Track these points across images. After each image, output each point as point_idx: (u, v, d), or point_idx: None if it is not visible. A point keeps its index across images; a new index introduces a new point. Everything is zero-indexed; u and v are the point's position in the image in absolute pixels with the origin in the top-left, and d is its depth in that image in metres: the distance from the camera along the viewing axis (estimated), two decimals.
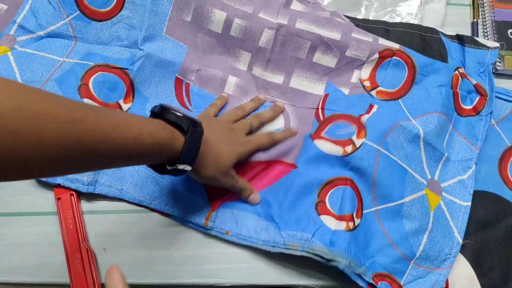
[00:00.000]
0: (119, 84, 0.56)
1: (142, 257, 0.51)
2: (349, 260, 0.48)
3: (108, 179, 0.53)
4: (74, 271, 0.49)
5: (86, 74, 0.55)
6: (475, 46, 0.62)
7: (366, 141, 0.53)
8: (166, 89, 0.57)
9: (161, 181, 0.53)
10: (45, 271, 0.51)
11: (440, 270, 0.51)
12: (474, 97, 0.59)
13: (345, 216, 0.50)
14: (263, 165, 0.55)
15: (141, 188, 0.53)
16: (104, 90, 0.55)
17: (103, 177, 0.53)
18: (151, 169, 0.52)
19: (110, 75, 0.56)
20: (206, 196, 0.53)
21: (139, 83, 0.57)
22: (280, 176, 0.54)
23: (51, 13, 0.57)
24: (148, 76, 0.57)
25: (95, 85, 0.55)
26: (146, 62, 0.57)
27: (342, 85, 0.58)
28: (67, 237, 0.51)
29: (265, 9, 0.57)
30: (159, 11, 0.58)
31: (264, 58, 0.58)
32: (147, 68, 0.57)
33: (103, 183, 0.53)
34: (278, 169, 0.55)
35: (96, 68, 0.56)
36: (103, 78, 0.55)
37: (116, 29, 0.58)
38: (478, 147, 0.57)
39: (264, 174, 0.55)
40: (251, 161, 0.55)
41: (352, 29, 0.58)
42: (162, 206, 0.53)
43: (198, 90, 0.58)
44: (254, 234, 0.51)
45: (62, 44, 0.57)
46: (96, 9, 0.58)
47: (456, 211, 0.54)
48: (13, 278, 0.50)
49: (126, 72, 0.56)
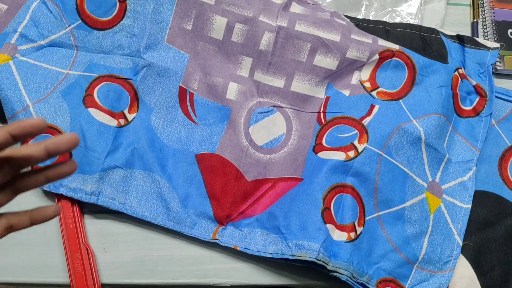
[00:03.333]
0: (123, 94, 0.56)
1: (142, 257, 0.51)
2: (351, 271, 0.48)
3: (112, 191, 0.52)
4: (74, 271, 0.49)
5: (90, 85, 0.55)
6: (475, 46, 0.61)
7: (368, 146, 0.53)
8: (170, 99, 0.57)
9: (166, 197, 0.53)
10: (45, 271, 0.51)
11: (443, 272, 0.51)
12: (474, 98, 0.59)
13: (346, 226, 0.50)
14: (270, 182, 0.55)
15: (145, 203, 0.53)
16: (109, 99, 0.55)
17: (107, 188, 0.52)
18: (157, 184, 0.53)
19: (115, 85, 0.55)
20: (213, 212, 0.53)
21: (143, 93, 0.56)
22: (286, 190, 0.54)
23: (53, 22, 0.57)
24: (151, 86, 0.57)
25: (100, 95, 0.55)
26: (149, 71, 0.56)
27: (343, 87, 0.58)
28: (67, 237, 0.51)
29: (264, 13, 0.57)
30: (160, 19, 0.58)
31: (265, 61, 0.57)
32: (150, 78, 0.57)
33: (106, 195, 0.52)
34: (285, 185, 0.55)
35: (101, 78, 0.55)
36: (107, 88, 0.55)
37: (118, 37, 0.58)
38: (478, 148, 0.57)
39: (273, 192, 0.55)
40: (257, 179, 0.55)
41: (352, 31, 0.58)
42: (166, 222, 0.52)
43: (202, 100, 0.58)
44: (262, 248, 0.51)
45: (64, 54, 0.57)
46: (98, 18, 0.57)
47: (456, 213, 0.54)
48: (13, 278, 0.50)
49: (130, 83, 0.56)
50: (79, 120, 0.53)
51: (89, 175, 0.52)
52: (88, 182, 0.52)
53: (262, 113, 0.58)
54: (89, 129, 0.53)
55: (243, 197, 0.54)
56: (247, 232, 0.52)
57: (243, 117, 0.57)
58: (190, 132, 0.56)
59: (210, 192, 0.54)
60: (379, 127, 0.54)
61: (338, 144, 0.55)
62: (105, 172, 0.52)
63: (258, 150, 0.56)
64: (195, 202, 0.53)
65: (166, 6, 0.58)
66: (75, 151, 0.52)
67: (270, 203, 0.54)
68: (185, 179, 0.54)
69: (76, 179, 0.52)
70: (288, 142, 0.57)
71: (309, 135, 0.57)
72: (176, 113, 0.57)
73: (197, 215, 0.53)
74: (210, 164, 0.55)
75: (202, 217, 0.53)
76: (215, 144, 0.56)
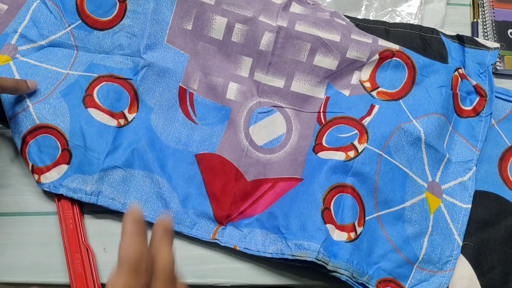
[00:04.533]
0: (123, 94, 0.55)
1: None
2: (351, 271, 0.48)
3: (112, 192, 0.52)
4: (74, 271, 0.49)
5: (90, 86, 0.55)
6: (475, 46, 0.61)
7: (368, 146, 0.53)
8: (170, 99, 0.57)
9: (166, 197, 0.53)
10: (45, 271, 0.51)
11: (443, 272, 0.51)
12: (474, 98, 0.59)
13: (346, 226, 0.50)
14: (270, 182, 0.55)
15: (145, 203, 0.53)
16: (109, 99, 0.55)
17: (107, 188, 0.52)
18: (156, 184, 0.53)
19: (114, 85, 0.55)
20: (213, 212, 0.53)
21: (143, 93, 0.56)
22: (286, 190, 0.54)
23: (53, 22, 0.57)
24: (151, 85, 0.57)
25: (100, 95, 0.54)
26: (149, 71, 0.56)
27: (343, 87, 0.58)
28: (67, 237, 0.51)
29: (264, 13, 0.57)
30: (160, 19, 0.58)
31: (265, 61, 0.57)
32: (150, 78, 0.56)
33: (106, 195, 0.52)
34: (285, 185, 0.55)
35: (100, 78, 0.55)
36: (107, 88, 0.55)
37: (118, 37, 0.57)
38: (478, 148, 0.57)
39: (272, 192, 0.54)
40: (257, 178, 0.55)
41: (352, 31, 0.58)
42: None
43: (202, 100, 0.58)
44: (262, 248, 0.51)
45: (64, 54, 0.56)
46: (98, 18, 0.57)
47: (456, 213, 0.54)
48: (13, 278, 0.50)
49: (130, 83, 0.56)
50: (79, 120, 0.53)
51: (89, 175, 0.52)
52: (88, 182, 0.52)
53: (262, 113, 0.58)
54: (89, 129, 0.53)
55: (243, 197, 0.54)
56: (247, 232, 0.52)
57: (243, 117, 0.57)
58: (190, 132, 0.56)
59: (210, 192, 0.54)
60: (379, 127, 0.54)
61: (338, 144, 0.55)
62: (105, 172, 0.52)
63: (258, 150, 0.56)
64: (195, 202, 0.53)
65: (166, 6, 0.58)
66: (76, 151, 0.52)
67: (270, 203, 0.54)
68: (185, 179, 0.54)
69: (76, 179, 0.52)
70: (288, 142, 0.57)
71: (309, 135, 0.57)
72: (176, 113, 0.57)
73: (197, 215, 0.53)
74: (210, 164, 0.55)
75: (202, 217, 0.53)
76: (215, 144, 0.56)
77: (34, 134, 0.52)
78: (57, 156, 0.52)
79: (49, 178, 0.51)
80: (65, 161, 0.52)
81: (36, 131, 0.52)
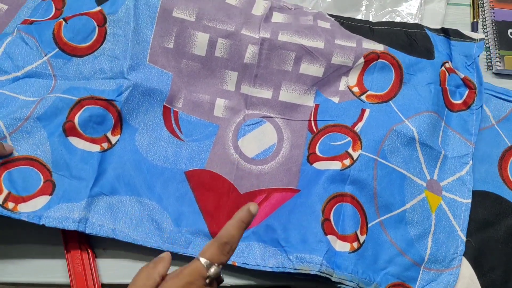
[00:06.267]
0: (106, 116, 0.54)
1: (142, 257, 0.51)
2: (357, 281, 0.48)
3: (100, 218, 0.50)
4: (74, 271, 0.49)
5: (71, 111, 0.52)
6: (460, 39, 0.62)
7: (363, 152, 0.53)
8: (155, 118, 0.56)
9: (157, 219, 0.52)
10: (45, 271, 0.51)
11: (450, 270, 0.51)
12: (463, 91, 0.59)
13: (348, 236, 0.50)
14: (264, 193, 0.55)
15: (136, 227, 0.51)
16: (90, 124, 0.53)
17: (94, 216, 0.50)
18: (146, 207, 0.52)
19: (96, 108, 0.53)
20: (208, 229, 0.52)
21: (127, 114, 0.55)
22: (282, 202, 0.54)
23: (28, 52, 0.55)
24: (135, 106, 0.55)
25: (81, 121, 0.52)
26: (133, 92, 0.55)
27: (332, 94, 0.58)
28: (67, 237, 0.51)
29: (246, 26, 0.56)
30: (141, 40, 0.57)
31: (251, 74, 0.57)
32: (134, 98, 0.55)
33: (94, 222, 0.50)
34: (280, 195, 0.54)
35: (82, 102, 0.53)
36: (89, 113, 0.53)
37: (99, 62, 0.56)
38: (472, 141, 0.57)
39: (267, 203, 0.54)
40: (251, 191, 0.54)
41: (335, 35, 0.58)
42: (159, 243, 0.51)
43: (187, 117, 0.57)
44: (261, 262, 0.50)
45: (41, 85, 0.54)
46: (77, 44, 0.56)
47: (457, 209, 0.54)
48: (13, 278, 0.50)
49: (113, 104, 0.54)
50: (60, 149, 0.51)
51: (76, 202, 0.50)
52: (75, 210, 0.49)
53: (250, 125, 0.58)
54: (72, 158, 0.51)
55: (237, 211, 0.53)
56: (244, 246, 0.51)
57: (231, 132, 0.57)
58: (177, 150, 0.55)
59: (203, 208, 0.53)
60: (371, 132, 0.54)
61: (332, 153, 0.54)
62: (92, 198, 0.50)
63: (249, 162, 0.56)
64: (189, 220, 0.52)
65: (146, 26, 0.57)
66: (60, 181, 0.50)
67: (266, 214, 0.53)
68: (176, 197, 0.53)
69: (60, 208, 0.49)
70: (280, 151, 0.57)
71: (301, 144, 0.57)
72: (161, 132, 0.56)
73: (191, 233, 0.52)
74: (200, 180, 0.54)
75: (197, 235, 0.52)
76: (204, 160, 0.55)
77: (15, 164, 0.50)
78: (39, 187, 0.50)
79: (30, 207, 0.49)
80: (48, 192, 0.50)
81: (18, 162, 0.50)
